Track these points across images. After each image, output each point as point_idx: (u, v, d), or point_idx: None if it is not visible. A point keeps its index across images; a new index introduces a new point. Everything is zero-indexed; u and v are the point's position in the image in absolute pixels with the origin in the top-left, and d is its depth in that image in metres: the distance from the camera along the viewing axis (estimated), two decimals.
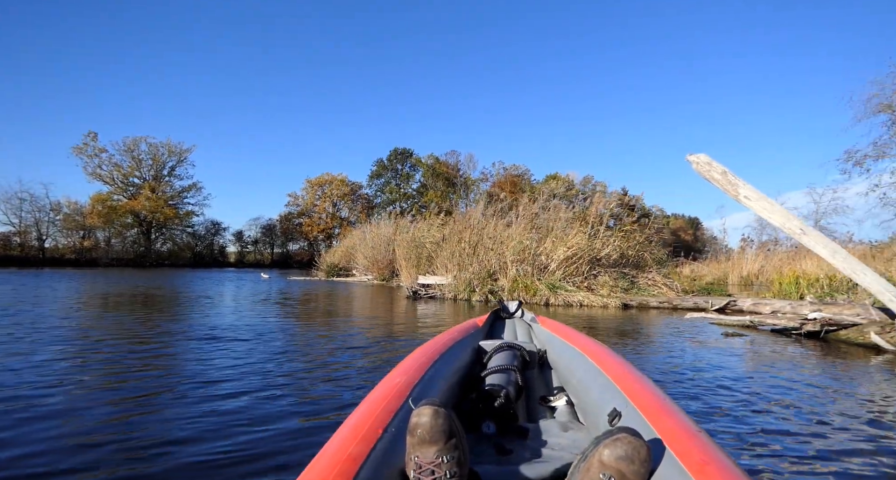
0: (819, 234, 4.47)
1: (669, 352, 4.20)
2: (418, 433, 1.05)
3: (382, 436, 1.10)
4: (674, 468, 0.95)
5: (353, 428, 1.13)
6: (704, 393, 2.86)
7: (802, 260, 15.03)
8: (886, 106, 15.11)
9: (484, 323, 2.69)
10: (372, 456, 1.02)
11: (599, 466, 0.95)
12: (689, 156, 5.09)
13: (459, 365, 1.96)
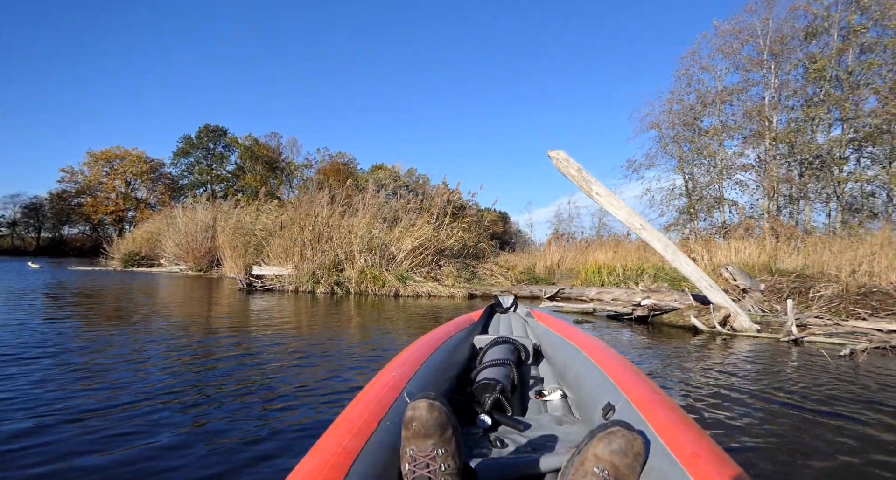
0: (654, 230, 5.12)
1: None
2: (413, 426, 1.05)
3: (377, 429, 1.11)
4: (666, 460, 0.97)
5: (348, 422, 1.13)
6: None
7: (594, 251, 17.48)
8: (655, 124, 18.39)
9: (479, 317, 2.72)
10: (366, 449, 1.02)
11: (594, 459, 0.96)
12: (550, 151, 5.39)
13: (455, 360, 1.96)
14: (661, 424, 1.11)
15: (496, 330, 2.68)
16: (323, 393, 2.44)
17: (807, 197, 15.29)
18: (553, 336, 2.24)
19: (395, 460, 1.08)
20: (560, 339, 2.12)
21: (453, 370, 1.91)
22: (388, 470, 1.05)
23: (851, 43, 14.58)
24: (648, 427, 1.10)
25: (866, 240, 10.46)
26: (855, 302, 6.05)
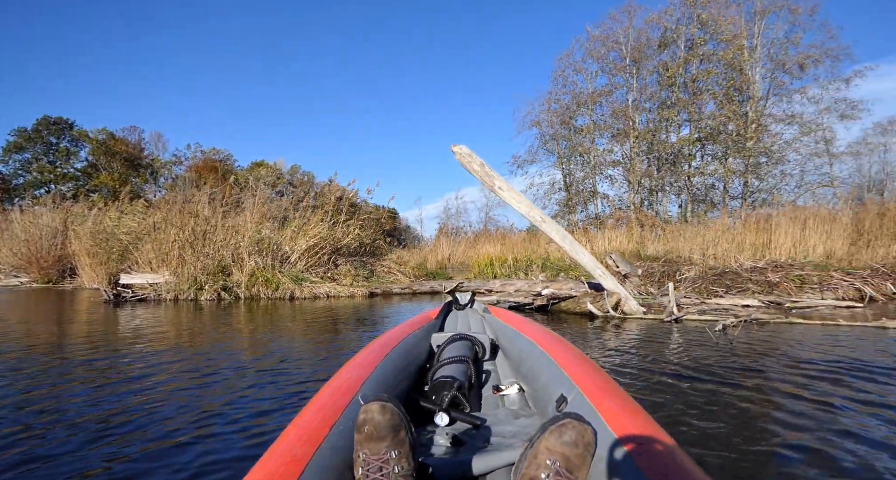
0: (554, 223, 5.40)
1: None
2: (366, 429, 1.04)
3: (329, 434, 1.10)
4: (616, 449, 1.01)
5: (300, 428, 1.11)
6: None
7: (482, 245, 18.12)
8: (536, 122, 19.53)
9: (437, 315, 2.70)
10: (317, 456, 1.01)
11: (546, 452, 0.97)
12: (454, 146, 5.43)
13: (412, 358, 1.95)
14: (611, 414, 1.15)
15: (454, 327, 2.71)
16: (226, 423, 2.04)
17: (664, 189, 17.22)
18: (509, 330, 2.25)
19: (348, 465, 1.07)
20: (516, 334, 2.14)
21: (410, 369, 1.89)
22: (341, 477, 1.04)
23: (694, 53, 16.63)
24: (599, 418, 1.14)
25: (710, 227, 12.08)
26: (713, 282, 6.94)
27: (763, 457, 1.69)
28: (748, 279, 6.72)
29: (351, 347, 3.86)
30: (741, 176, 16.12)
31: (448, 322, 2.82)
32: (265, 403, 2.30)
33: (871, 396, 2.35)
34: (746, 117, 15.85)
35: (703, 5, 16.45)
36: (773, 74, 16.29)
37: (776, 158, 16.11)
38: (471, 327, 2.68)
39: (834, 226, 9.75)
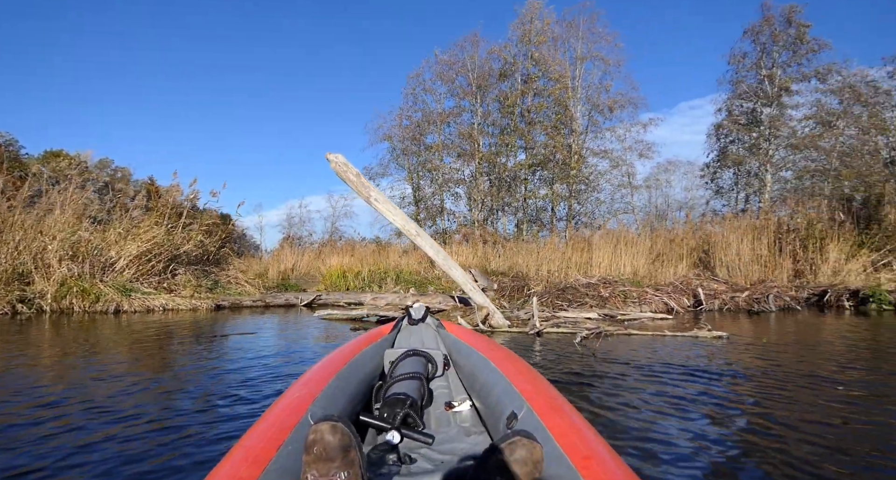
0: (428, 237, 5.46)
1: (315, 352, 4.15)
2: (315, 450, 1.01)
3: (277, 456, 1.07)
4: (562, 464, 1.04)
5: (245, 449, 1.08)
6: None
7: (329, 256, 17.60)
8: (388, 136, 19.76)
9: (390, 331, 2.67)
10: (263, 479, 0.98)
11: (494, 470, 0.99)
12: (329, 155, 5.20)
13: (364, 376, 1.91)
14: (560, 430, 1.18)
15: (407, 342, 2.64)
16: None
17: (503, 209, 18.67)
18: (463, 346, 2.24)
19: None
20: (469, 349, 2.13)
21: (363, 386, 1.85)
22: None
23: (529, 87, 18.47)
24: (548, 434, 1.16)
25: (543, 245, 13.43)
26: (557, 296, 7.69)
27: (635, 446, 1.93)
28: (585, 294, 7.60)
29: (195, 366, 3.44)
30: (566, 200, 18.25)
31: (401, 337, 2.76)
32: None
33: (699, 390, 2.82)
34: (570, 149, 18.04)
35: (536, 45, 18.41)
36: (591, 113, 18.86)
37: (592, 186, 18.61)
38: (424, 343, 2.64)
39: (638, 247, 11.46)
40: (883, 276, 9.54)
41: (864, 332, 5.62)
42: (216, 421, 2.21)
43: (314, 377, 1.64)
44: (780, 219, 11.35)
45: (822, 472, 1.72)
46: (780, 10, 17.25)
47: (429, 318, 3.02)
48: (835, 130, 16.88)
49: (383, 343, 2.44)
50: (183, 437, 2.00)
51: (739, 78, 17.95)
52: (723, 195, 18.46)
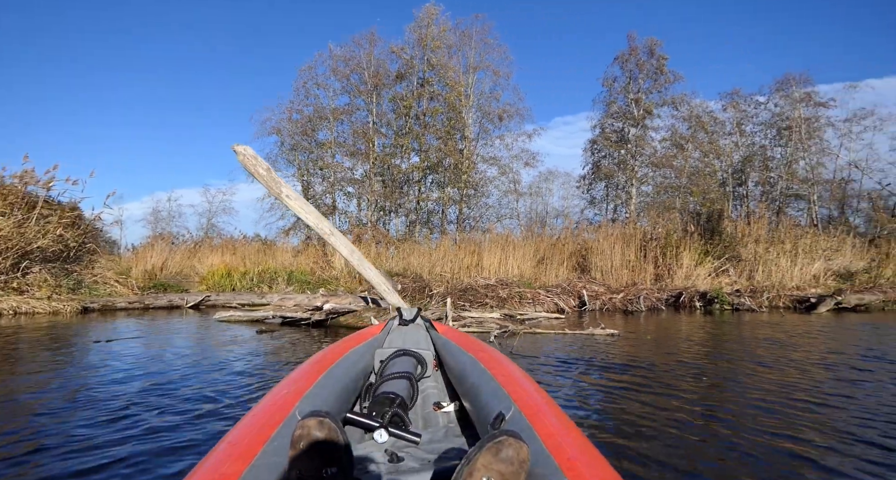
0: (342, 236, 5.31)
1: (221, 360, 3.88)
2: (301, 445, 1.02)
3: (263, 452, 1.05)
4: (547, 464, 1.06)
5: (231, 444, 1.07)
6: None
7: (207, 254, 16.25)
8: (277, 129, 18.80)
9: (381, 330, 2.65)
10: (248, 474, 0.96)
11: (482, 469, 1.00)
12: (236, 146, 4.85)
13: (353, 374, 1.90)
14: (547, 431, 1.19)
15: (398, 342, 2.57)
16: None
17: (396, 210, 18.69)
18: (453, 346, 2.23)
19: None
20: (460, 350, 2.12)
21: (352, 385, 1.84)
22: None
23: (425, 91, 18.76)
24: (534, 434, 1.18)
25: (436, 247, 13.72)
26: (459, 297, 7.92)
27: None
28: (485, 294, 7.93)
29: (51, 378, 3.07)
30: (457, 204, 18.79)
31: (392, 337, 2.69)
32: None
33: (609, 379, 3.16)
34: (462, 154, 18.63)
35: (433, 50, 18.77)
36: (482, 121, 19.67)
37: (482, 192, 19.40)
38: (414, 343, 2.59)
39: (524, 251, 12.17)
40: (723, 281, 11.20)
41: (713, 328, 6.59)
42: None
43: (302, 374, 1.62)
44: (644, 228, 12.73)
45: (711, 442, 2.05)
46: (644, 41, 19.50)
47: (420, 319, 2.99)
48: (685, 152, 19.46)
49: (373, 342, 2.41)
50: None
51: (611, 99, 19.92)
52: (595, 205, 20.33)
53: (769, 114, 21.19)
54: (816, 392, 2.96)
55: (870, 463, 1.85)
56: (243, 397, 2.74)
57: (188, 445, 1.98)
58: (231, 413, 2.44)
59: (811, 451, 1.97)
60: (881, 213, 20.48)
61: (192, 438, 2.07)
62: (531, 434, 1.16)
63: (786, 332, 6.02)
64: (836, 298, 10.49)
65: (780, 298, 10.82)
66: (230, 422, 2.27)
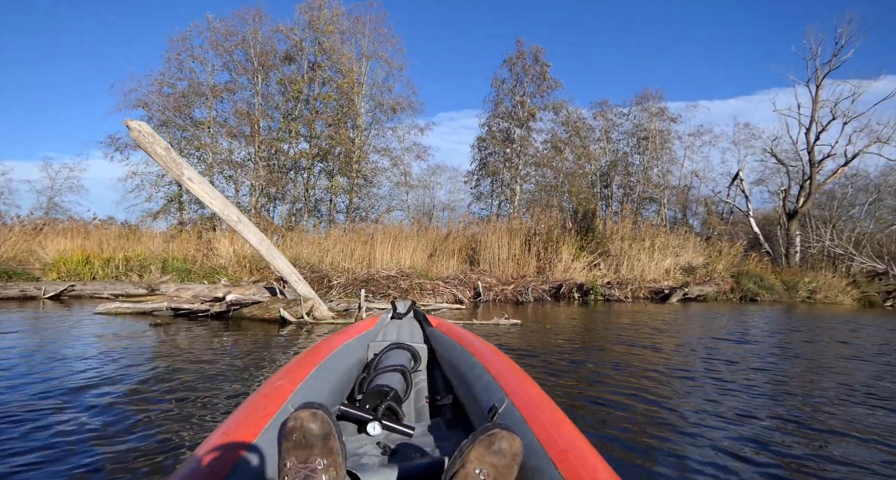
0: (250, 224, 5.00)
1: (103, 354, 3.54)
2: (294, 437, 1.01)
3: (255, 443, 1.07)
4: (540, 457, 1.07)
5: (224, 435, 1.08)
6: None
7: (54, 238, 14.12)
8: (143, 102, 16.88)
9: (376, 324, 2.63)
10: (240, 464, 0.98)
11: (474, 462, 1.01)
12: (130, 121, 4.34)
13: (347, 367, 1.91)
14: (539, 424, 1.20)
15: (392, 335, 2.57)
16: None
17: (283, 197, 17.82)
18: (447, 340, 2.23)
19: (274, 475, 1.04)
20: (454, 344, 2.13)
21: (345, 378, 1.84)
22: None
23: (316, 75, 18.06)
24: (527, 427, 1.19)
25: (324, 237, 13.39)
26: (362, 287, 7.86)
27: None
28: (387, 286, 7.97)
29: None
30: (347, 193, 18.43)
31: (386, 330, 2.68)
32: None
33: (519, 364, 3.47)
34: (354, 143, 18.29)
35: (325, 34, 18.12)
36: (374, 111, 19.47)
37: (373, 182, 19.24)
38: (408, 336, 2.59)
39: (416, 243, 12.36)
40: (596, 274, 12.40)
41: (594, 317, 7.35)
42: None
43: (296, 367, 1.61)
44: (528, 224, 13.59)
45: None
46: (530, 48, 20.70)
47: (415, 313, 2.93)
48: (563, 155, 21.08)
49: (367, 336, 2.40)
50: None
51: (499, 100, 20.86)
52: (482, 200, 21.22)
53: (631, 124, 23.75)
54: (671, 364, 3.78)
55: (704, 408, 2.62)
56: (168, 395, 2.54)
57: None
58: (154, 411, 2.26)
59: (664, 401, 2.76)
60: (713, 217, 24.08)
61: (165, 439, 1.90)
62: (524, 427, 1.18)
63: (649, 319, 6.96)
64: (684, 290, 12.20)
65: (641, 290, 12.30)
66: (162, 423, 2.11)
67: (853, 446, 2.16)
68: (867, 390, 3.19)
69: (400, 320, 2.90)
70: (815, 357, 4.55)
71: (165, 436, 1.97)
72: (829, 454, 2.06)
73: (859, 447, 2.16)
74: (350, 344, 2.09)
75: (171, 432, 2.01)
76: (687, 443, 2.11)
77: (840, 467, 1.93)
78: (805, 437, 2.27)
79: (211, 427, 2.06)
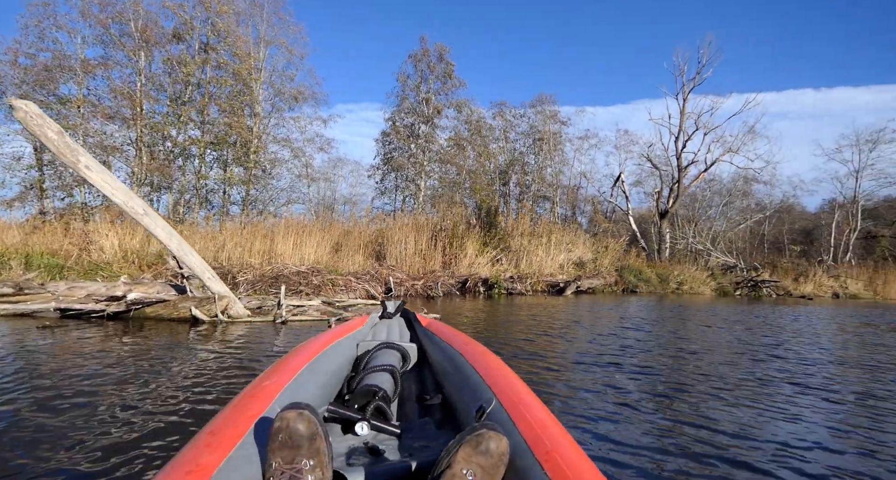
0: (158, 217, 4.59)
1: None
2: (280, 437, 1.02)
3: (242, 443, 1.06)
4: (526, 457, 1.08)
5: (210, 435, 1.07)
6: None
7: None
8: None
9: (365, 323, 2.61)
10: (226, 465, 0.97)
11: (461, 462, 1.03)
12: (14, 100, 3.80)
13: (336, 366, 1.91)
14: (527, 424, 1.21)
15: (382, 335, 2.53)
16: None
17: (169, 187, 16.37)
18: (436, 340, 2.23)
19: (260, 475, 1.04)
20: (443, 344, 2.12)
21: (334, 377, 1.84)
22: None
23: (209, 58, 16.81)
24: (514, 427, 1.20)
25: (218, 230, 12.61)
26: (271, 285, 7.54)
27: None
28: (298, 282, 7.71)
29: None
30: (244, 184, 17.42)
31: (376, 330, 2.61)
32: None
33: None
34: (252, 132, 17.32)
35: (219, 14, 16.92)
36: (274, 100, 18.59)
37: (273, 174, 18.37)
38: (398, 336, 2.54)
39: (320, 237, 12.05)
40: (499, 269, 12.99)
41: (500, 309, 7.77)
42: None
43: (284, 367, 1.59)
44: (434, 220, 13.84)
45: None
46: (434, 46, 20.99)
47: (406, 313, 2.84)
48: (465, 152, 21.67)
49: (357, 335, 2.36)
50: None
51: (405, 95, 20.91)
52: (387, 194, 21.16)
53: (527, 126, 25.04)
54: (572, 350, 4.29)
55: (581, 370, 3.22)
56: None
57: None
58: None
59: (559, 366, 3.15)
60: (599, 215, 26.23)
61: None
62: (511, 428, 1.19)
63: (548, 311, 7.53)
64: (577, 283, 13.21)
65: (539, 283, 13.12)
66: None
67: (707, 401, 2.61)
68: (720, 358, 4.07)
69: (389, 320, 2.86)
70: (684, 335, 5.43)
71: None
72: (683, 409, 2.47)
73: (718, 397, 2.72)
74: (339, 344, 2.08)
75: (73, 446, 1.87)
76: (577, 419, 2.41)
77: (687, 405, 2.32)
78: (678, 398, 2.79)
79: (142, 436, 1.95)
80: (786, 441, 2.20)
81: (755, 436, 2.25)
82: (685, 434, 2.24)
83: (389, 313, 2.93)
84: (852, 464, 1.99)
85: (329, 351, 1.92)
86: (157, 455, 1.79)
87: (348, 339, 2.26)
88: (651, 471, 1.84)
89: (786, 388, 3.21)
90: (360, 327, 2.55)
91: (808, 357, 4.45)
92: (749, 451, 2.06)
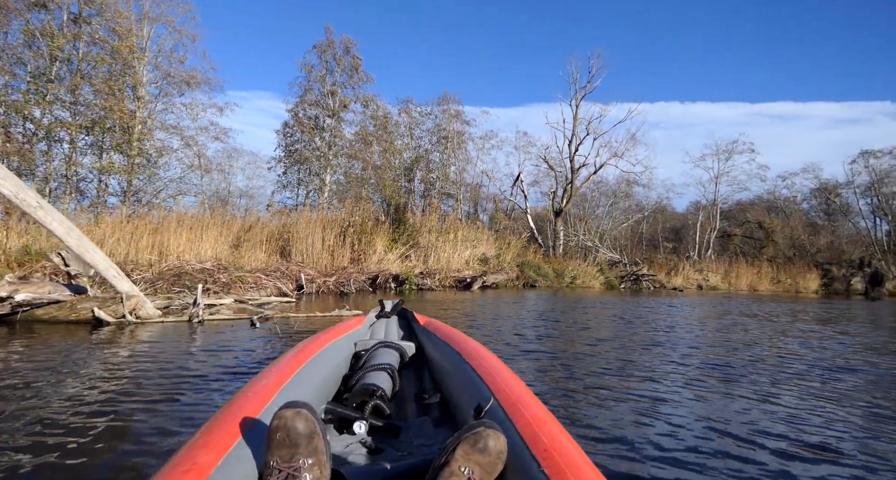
0: (55, 210, 4.07)
1: None
2: (278, 436, 1.02)
3: (239, 443, 1.06)
4: (524, 455, 1.08)
5: (207, 434, 1.07)
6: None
7: None
8: None
9: (363, 322, 2.61)
10: (224, 464, 0.97)
11: (459, 460, 1.03)
12: None
13: (334, 365, 1.92)
14: (524, 422, 1.21)
15: (380, 334, 2.48)
16: None
17: (31, 174, 14.38)
18: (435, 339, 2.20)
19: (257, 474, 1.05)
20: (441, 342, 2.11)
21: (332, 376, 1.84)
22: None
23: (82, 33, 14.99)
24: (512, 426, 1.20)
25: (94, 223, 11.38)
26: (173, 283, 6.99)
27: None
28: (204, 280, 7.21)
29: None
30: (126, 174, 15.81)
31: (374, 329, 2.56)
32: None
33: None
34: (135, 116, 15.76)
35: None
36: (161, 83, 17.05)
37: (160, 163, 16.86)
38: (397, 335, 2.50)
39: (218, 232, 11.35)
40: (408, 265, 13.12)
41: (415, 304, 7.94)
42: None
43: (282, 366, 1.57)
44: (342, 215, 13.62)
45: None
46: (340, 38, 20.53)
47: (405, 312, 2.72)
48: (372, 148, 21.49)
49: (354, 334, 2.32)
50: None
51: (309, 86, 20.21)
52: (289, 188, 20.33)
53: (432, 123, 25.41)
54: (487, 329, 4.53)
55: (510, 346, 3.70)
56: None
57: None
58: None
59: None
60: (500, 213, 27.36)
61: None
62: (509, 426, 1.20)
63: (457, 304, 7.86)
64: (483, 279, 13.74)
65: (448, 279, 13.45)
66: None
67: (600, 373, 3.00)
68: (612, 340, 4.66)
69: (387, 319, 2.83)
70: (576, 322, 6.07)
71: None
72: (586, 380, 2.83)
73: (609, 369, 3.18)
74: (337, 343, 2.06)
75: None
76: None
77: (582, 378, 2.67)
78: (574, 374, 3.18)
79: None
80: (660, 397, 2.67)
81: (638, 392, 2.62)
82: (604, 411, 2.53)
83: (387, 312, 2.90)
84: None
85: (327, 351, 1.91)
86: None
87: (346, 338, 2.25)
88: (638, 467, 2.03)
89: (670, 362, 3.80)
90: (357, 326, 2.52)
91: (686, 337, 5.29)
92: (628, 408, 2.39)
